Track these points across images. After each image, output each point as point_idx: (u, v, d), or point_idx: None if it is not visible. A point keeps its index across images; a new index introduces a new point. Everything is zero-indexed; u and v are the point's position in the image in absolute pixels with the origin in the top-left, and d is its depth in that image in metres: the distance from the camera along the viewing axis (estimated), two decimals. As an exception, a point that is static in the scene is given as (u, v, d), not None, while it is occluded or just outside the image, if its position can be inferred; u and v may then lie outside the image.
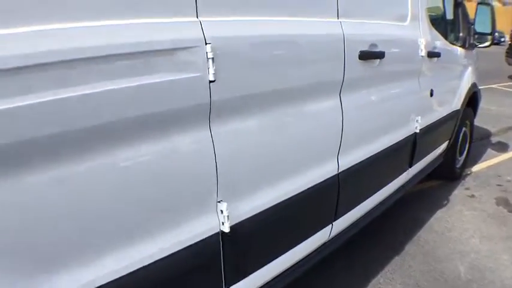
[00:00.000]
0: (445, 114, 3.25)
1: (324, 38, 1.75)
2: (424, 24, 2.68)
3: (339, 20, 1.83)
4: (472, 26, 3.72)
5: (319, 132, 1.83)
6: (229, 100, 1.36)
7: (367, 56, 1.96)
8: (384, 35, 2.17)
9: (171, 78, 1.16)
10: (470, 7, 3.83)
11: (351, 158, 2.04)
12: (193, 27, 1.22)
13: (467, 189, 3.91)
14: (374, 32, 2.07)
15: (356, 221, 2.30)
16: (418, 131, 2.71)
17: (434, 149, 3.27)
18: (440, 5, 3.26)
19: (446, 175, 3.94)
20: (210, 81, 1.25)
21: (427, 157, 3.13)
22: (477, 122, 4.60)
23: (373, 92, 2.15)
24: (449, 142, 3.59)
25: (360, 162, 2.10)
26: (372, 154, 2.19)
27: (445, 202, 3.61)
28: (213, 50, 1.24)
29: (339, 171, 1.97)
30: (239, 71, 1.38)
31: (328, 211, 2.02)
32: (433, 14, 3.25)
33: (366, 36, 1.99)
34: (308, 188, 1.79)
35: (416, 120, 2.70)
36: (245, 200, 1.50)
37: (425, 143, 2.92)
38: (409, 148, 2.72)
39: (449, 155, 3.71)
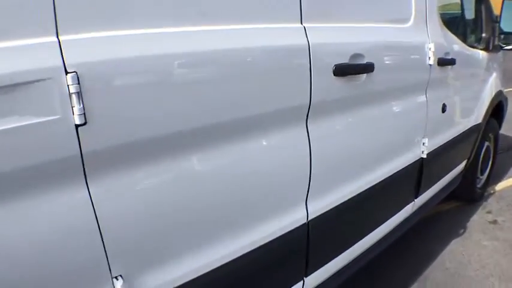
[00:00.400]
0: (462, 131, 2.68)
1: (275, 50, 1.25)
2: (434, 25, 2.12)
3: (303, 24, 1.33)
4: (497, 25, 3.11)
5: (273, 175, 1.34)
6: (112, 149, 0.93)
7: (346, 70, 1.45)
8: (374, 42, 1.64)
9: (12, 126, 0.79)
10: (496, 2, 3.21)
11: (325, 202, 1.55)
12: (46, 50, 0.82)
13: (489, 212, 3.31)
14: (358, 38, 1.54)
15: (338, 271, 1.79)
16: (425, 155, 2.16)
17: (449, 172, 2.71)
18: (458, 0, 2.68)
19: (465, 196, 3.35)
20: (78, 125, 0.86)
21: (439, 183, 2.57)
22: (504, 129, 3.95)
23: (357, 116, 1.62)
24: (468, 161, 3.00)
25: (339, 206, 1.60)
26: (356, 194, 1.68)
27: (462, 230, 3.03)
28: (77, 81, 0.85)
29: (309, 219, 1.49)
30: (127, 108, 0.94)
31: (295, 267, 1.55)
32: (448, 12, 2.68)
33: (345, 46, 1.48)
34: (259, 247, 1.34)
35: (423, 144, 2.15)
36: (154, 272, 1.09)
37: (435, 168, 2.37)
38: (414, 177, 2.18)
39: (468, 174, 3.12)
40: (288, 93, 1.31)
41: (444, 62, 2.18)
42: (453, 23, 2.71)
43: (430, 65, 2.04)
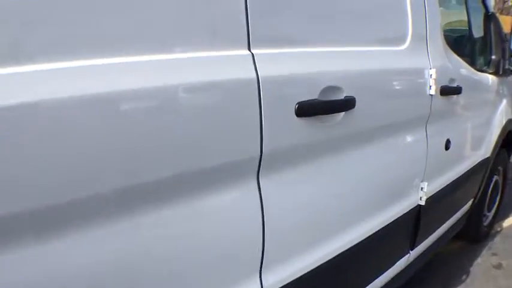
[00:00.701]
0: (468, 168, 2.25)
1: (206, 87, 0.87)
2: (436, 46, 1.72)
3: (251, 51, 0.94)
4: (508, 45, 2.70)
5: (212, 244, 0.97)
6: None
7: (314, 109, 1.05)
8: (357, 71, 1.23)
9: None
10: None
11: (287, 272, 1.15)
12: None
13: (494, 255, 2.86)
14: (334, 67, 1.14)
15: None
16: (423, 202, 1.74)
17: (452, 216, 2.28)
18: (464, 17, 2.28)
19: (470, 236, 2.90)
20: None
21: (440, 229, 2.14)
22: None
23: (332, 164, 1.22)
24: (474, 200, 2.57)
25: (306, 275, 1.20)
26: (329, 259, 1.27)
27: (464, 276, 2.59)
28: None
29: None
30: None
31: None
32: (454, 28, 2.29)
33: (314, 77, 1.07)
34: None
35: (421, 189, 1.73)
36: None
37: (435, 214, 1.96)
38: (409, 227, 1.76)
39: (474, 213, 2.69)
40: (229, 144, 0.91)
41: (448, 90, 1.77)
42: (459, 43, 2.31)
43: (431, 95, 1.63)
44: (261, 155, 0.97)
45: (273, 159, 1.00)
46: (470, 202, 2.52)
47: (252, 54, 0.93)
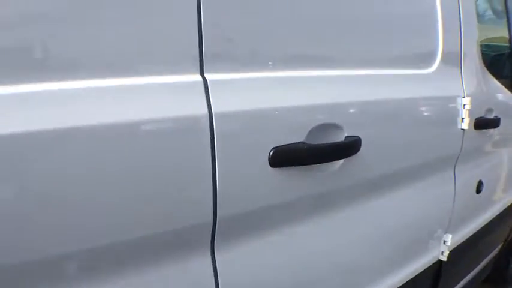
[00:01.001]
0: (500, 211, 1.87)
1: (131, 130, 0.57)
2: (472, 68, 1.37)
3: (205, 75, 0.64)
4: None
5: None
6: None
7: (298, 158, 0.74)
8: (363, 103, 0.90)
9: None
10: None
11: None
12: None
13: (520, 300, 2.49)
14: (330, 97, 0.81)
15: None
16: (444, 258, 1.40)
17: (477, 266, 1.91)
18: (504, 33, 1.91)
19: (496, 278, 2.51)
20: None
21: (462, 282, 1.78)
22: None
23: (319, 225, 0.87)
24: (504, 243, 2.19)
25: None
26: None
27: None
28: None
29: None
30: None
31: None
32: (488, 47, 1.93)
33: (300, 113, 0.76)
34: None
35: (444, 242, 1.39)
36: None
37: (458, 268, 1.60)
38: (427, 285, 1.42)
39: (502, 257, 2.31)
40: (165, 206, 0.62)
41: (485, 123, 1.41)
42: (496, 63, 1.95)
43: (463, 129, 1.28)
44: (214, 221, 0.67)
45: (233, 225, 0.70)
46: (499, 247, 2.14)
47: (205, 80, 0.63)
